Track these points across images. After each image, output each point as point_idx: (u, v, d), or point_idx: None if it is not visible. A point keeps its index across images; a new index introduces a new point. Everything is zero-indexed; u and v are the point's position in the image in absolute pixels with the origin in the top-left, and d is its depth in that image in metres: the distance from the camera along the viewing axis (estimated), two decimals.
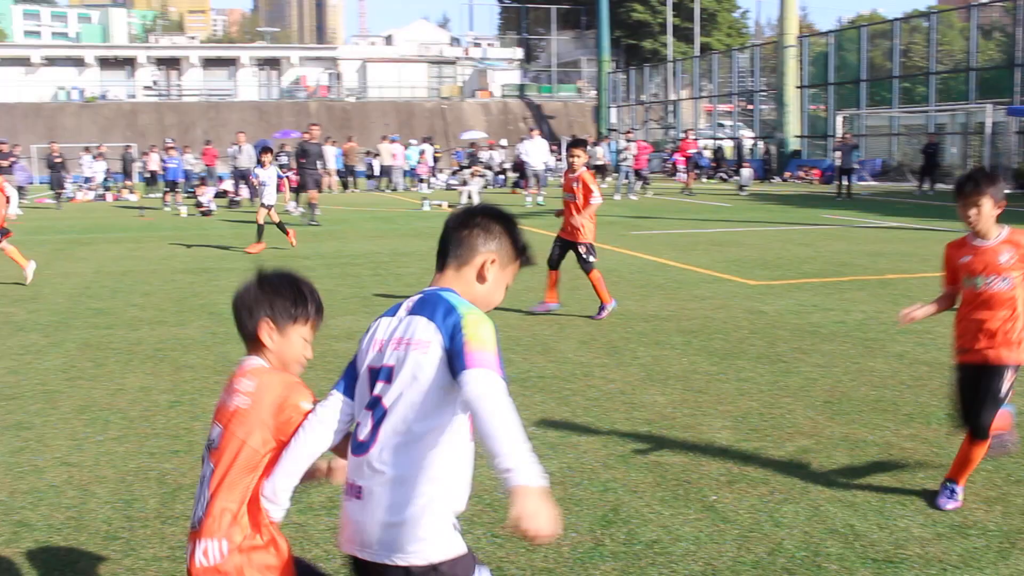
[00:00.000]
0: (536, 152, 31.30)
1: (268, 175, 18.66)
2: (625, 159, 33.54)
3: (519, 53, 78.92)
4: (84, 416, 7.21)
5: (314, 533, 5.00)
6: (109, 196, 39.15)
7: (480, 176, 35.34)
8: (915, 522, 5.05)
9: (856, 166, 34.67)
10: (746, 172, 36.54)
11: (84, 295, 13.16)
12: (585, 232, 11.05)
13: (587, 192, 10.97)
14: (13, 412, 7.35)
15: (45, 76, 68.79)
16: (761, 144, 48.56)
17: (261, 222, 18.55)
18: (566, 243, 11.19)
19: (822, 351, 9.00)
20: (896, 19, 43.28)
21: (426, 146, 43.88)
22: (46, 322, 11.15)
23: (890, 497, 5.40)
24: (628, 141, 34.31)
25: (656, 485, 5.62)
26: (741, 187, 35.78)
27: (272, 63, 74.99)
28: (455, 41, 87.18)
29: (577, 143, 11.55)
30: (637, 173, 35.04)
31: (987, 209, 5.12)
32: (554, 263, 11.21)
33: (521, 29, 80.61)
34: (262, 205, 18.71)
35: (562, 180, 11.57)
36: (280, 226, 18.78)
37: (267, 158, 18.94)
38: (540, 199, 30.69)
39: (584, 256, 11.03)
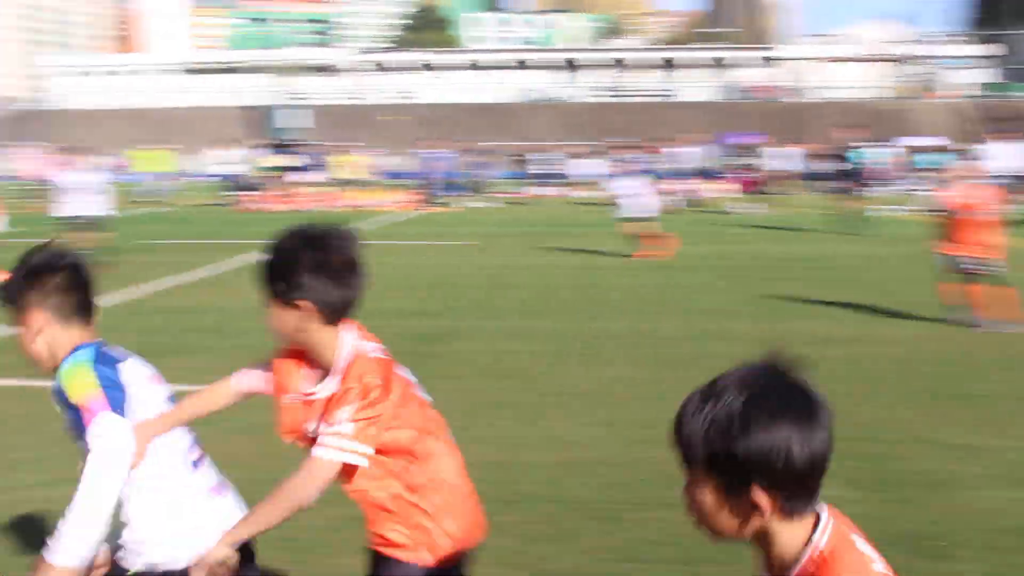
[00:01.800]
0: (1006, 156, 28.94)
1: (629, 185, 16.84)
2: None
3: (987, 50, 73.53)
4: None
5: None
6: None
7: None
8: None
9: None
10: None
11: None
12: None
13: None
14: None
15: (497, 78, 74.13)
16: None
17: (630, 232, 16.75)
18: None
19: None
20: None
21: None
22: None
23: None
24: None
25: None
26: None
27: (717, 63, 75.43)
28: (911, 39, 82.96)
29: None
30: None
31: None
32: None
33: (998, 22, 74.77)
34: (629, 219, 16.84)
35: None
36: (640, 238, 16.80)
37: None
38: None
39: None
